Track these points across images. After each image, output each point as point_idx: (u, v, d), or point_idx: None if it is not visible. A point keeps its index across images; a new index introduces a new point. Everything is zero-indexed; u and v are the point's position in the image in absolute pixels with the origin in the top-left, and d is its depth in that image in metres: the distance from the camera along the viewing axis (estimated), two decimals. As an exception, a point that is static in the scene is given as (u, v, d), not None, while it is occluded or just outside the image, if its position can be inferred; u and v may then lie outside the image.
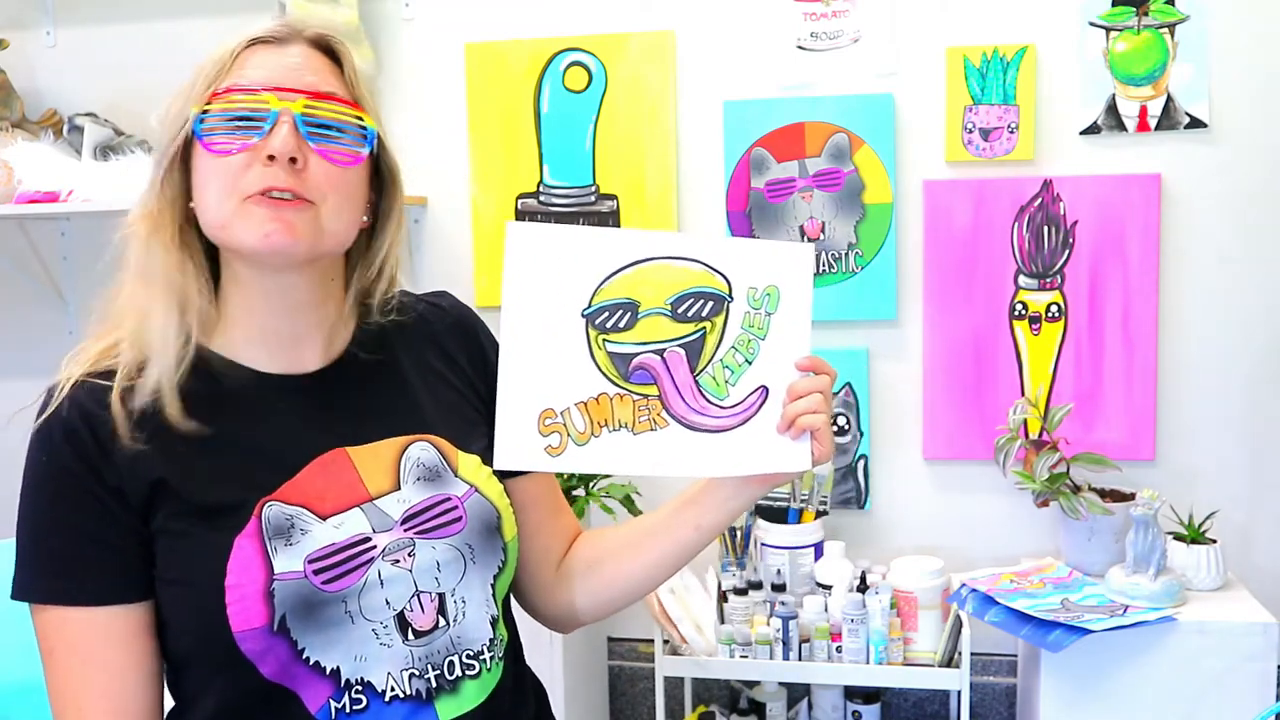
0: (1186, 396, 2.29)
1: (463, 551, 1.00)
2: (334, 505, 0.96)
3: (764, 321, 1.02)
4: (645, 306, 1.00)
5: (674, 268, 1.00)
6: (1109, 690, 1.92)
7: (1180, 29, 2.22)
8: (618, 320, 0.99)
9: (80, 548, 0.93)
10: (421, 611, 0.97)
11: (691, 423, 1.01)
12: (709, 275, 1.01)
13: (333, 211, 0.95)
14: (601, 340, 0.99)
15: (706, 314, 1.01)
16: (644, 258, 1.00)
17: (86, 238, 2.68)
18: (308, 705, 0.93)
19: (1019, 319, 2.32)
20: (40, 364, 2.73)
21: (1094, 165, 2.27)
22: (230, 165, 0.92)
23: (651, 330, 1.00)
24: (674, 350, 1.01)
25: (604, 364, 0.99)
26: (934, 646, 2.13)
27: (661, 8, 2.41)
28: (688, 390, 1.01)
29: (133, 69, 2.59)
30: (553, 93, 2.46)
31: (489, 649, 1.01)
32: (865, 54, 2.34)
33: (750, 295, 1.02)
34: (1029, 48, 2.26)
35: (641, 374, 1.00)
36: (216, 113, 0.93)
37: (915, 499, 2.40)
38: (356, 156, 0.97)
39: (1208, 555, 2.05)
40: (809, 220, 2.37)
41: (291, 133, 0.92)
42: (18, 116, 2.53)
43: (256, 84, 0.93)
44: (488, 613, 1.01)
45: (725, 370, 1.02)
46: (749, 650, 2.16)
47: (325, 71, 0.98)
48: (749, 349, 1.02)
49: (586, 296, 0.99)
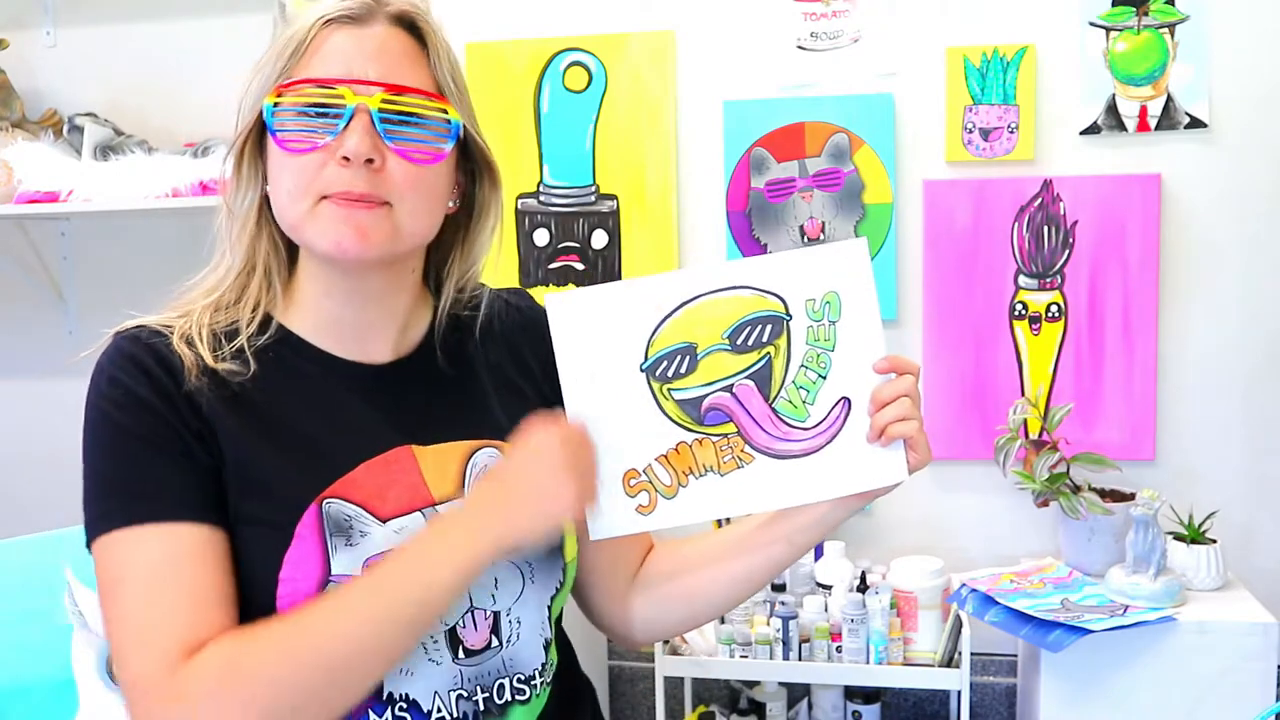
0: (1186, 396, 2.29)
1: (523, 570, 0.96)
2: (395, 507, 0.91)
3: (829, 332, 0.97)
4: (703, 346, 0.97)
5: (723, 299, 0.97)
6: (1109, 690, 1.92)
7: (1180, 29, 2.22)
8: (678, 367, 0.96)
9: (159, 467, 0.87)
10: (475, 629, 0.93)
11: (777, 451, 0.97)
12: (761, 299, 0.97)
13: (410, 212, 0.91)
14: (667, 390, 0.96)
15: (768, 339, 0.97)
16: (690, 297, 0.96)
17: (86, 238, 2.68)
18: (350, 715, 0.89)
19: (1019, 319, 2.32)
20: (40, 364, 2.75)
21: (1094, 165, 2.27)
22: (303, 164, 0.88)
23: (715, 369, 0.97)
24: (742, 383, 0.97)
25: (675, 414, 0.96)
26: (934, 646, 2.13)
27: (661, 8, 2.41)
28: (766, 420, 0.97)
29: (133, 69, 2.59)
30: (553, 93, 2.46)
31: (540, 674, 0.97)
32: (865, 54, 2.34)
33: (809, 308, 0.97)
34: (1029, 48, 2.26)
35: (715, 414, 0.97)
36: (288, 105, 0.88)
37: (915, 499, 2.40)
38: (438, 154, 0.91)
39: (1208, 555, 2.05)
40: (809, 220, 2.37)
41: (367, 132, 0.87)
42: (18, 116, 2.53)
43: (331, 75, 0.88)
44: (542, 635, 0.98)
45: (800, 391, 0.97)
46: (749, 650, 2.16)
47: (407, 56, 0.90)
48: (820, 364, 0.98)
49: (641, 350, 0.96)
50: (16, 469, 2.68)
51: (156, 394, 0.88)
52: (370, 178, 0.88)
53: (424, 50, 0.92)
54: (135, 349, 0.91)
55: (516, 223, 2.50)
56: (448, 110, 0.91)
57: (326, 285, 0.95)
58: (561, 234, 2.48)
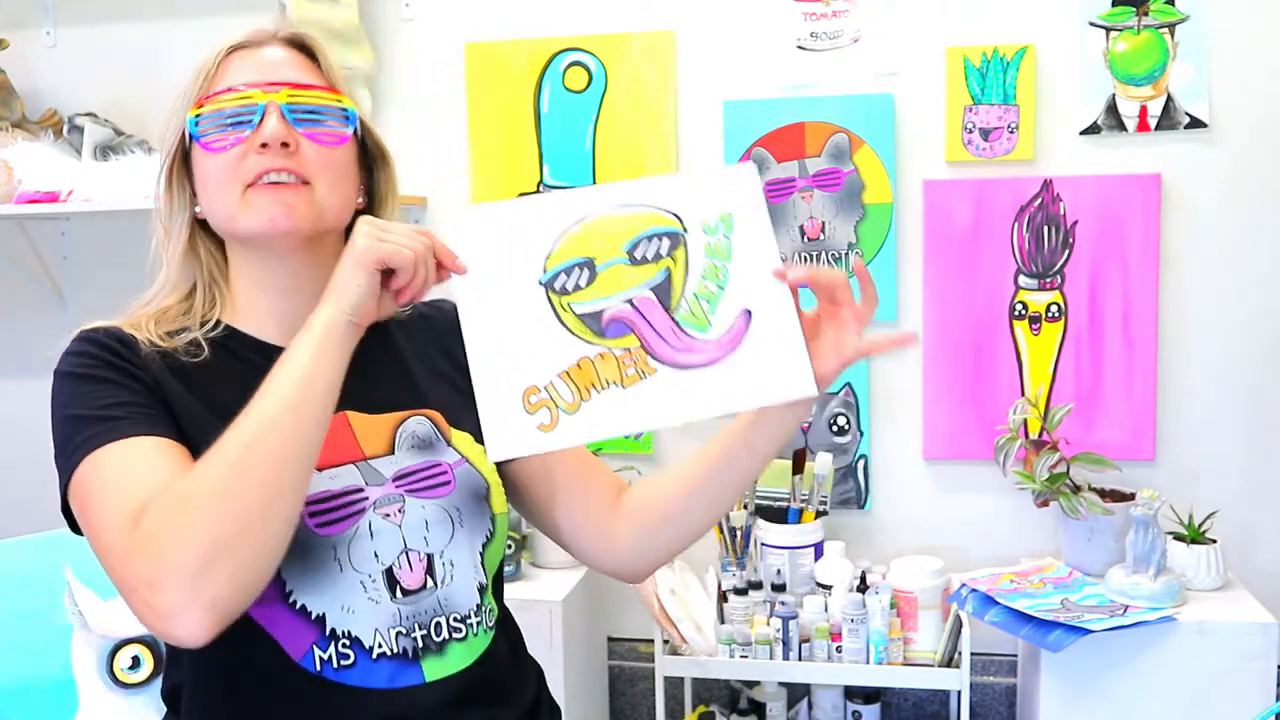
0: (1186, 396, 2.29)
1: (451, 514, 1.03)
2: (329, 460, 1.00)
3: (725, 246, 0.99)
4: (601, 259, 0.97)
5: (620, 216, 0.98)
6: (1109, 690, 1.92)
7: (1180, 29, 2.22)
8: (577, 280, 0.97)
9: (122, 398, 0.96)
10: (410, 570, 1.00)
11: (680, 362, 0.96)
12: (658, 216, 0.99)
13: (327, 189, 1.02)
14: (566, 304, 0.96)
15: (666, 252, 0.98)
16: (587, 214, 0.98)
17: (86, 238, 2.68)
18: (289, 652, 0.96)
19: (1019, 319, 2.32)
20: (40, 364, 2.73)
21: (1094, 165, 2.27)
22: (228, 159, 1.00)
23: (614, 282, 0.97)
24: (643, 295, 0.97)
25: (575, 327, 0.96)
26: (934, 646, 2.13)
27: (661, 8, 2.41)
28: (668, 331, 0.97)
29: (133, 69, 2.59)
30: (553, 93, 2.46)
31: (476, 614, 1.03)
32: (865, 54, 2.34)
33: (705, 226, 0.99)
34: (1029, 48, 2.26)
35: (617, 326, 0.97)
36: (209, 114, 1.01)
37: (915, 499, 2.40)
38: (341, 136, 1.04)
39: (1208, 555, 2.05)
40: (809, 220, 2.37)
41: (280, 120, 0.99)
42: (18, 116, 2.53)
43: (241, 83, 1.01)
44: (475, 579, 1.04)
45: (701, 303, 0.98)
46: (749, 650, 2.16)
47: (302, 65, 1.05)
48: (718, 276, 0.98)
49: (540, 265, 0.96)
50: (16, 469, 2.68)
51: (116, 356, 1.00)
52: (288, 158, 1.00)
53: (314, 62, 1.06)
54: (96, 335, 1.02)
55: (516, 223, 2.50)
56: (343, 101, 1.05)
57: (260, 280, 1.07)
58: (561, 234, 2.48)
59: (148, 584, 0.84)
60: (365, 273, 0.93)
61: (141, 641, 1.37)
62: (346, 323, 0.92)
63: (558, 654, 2.15)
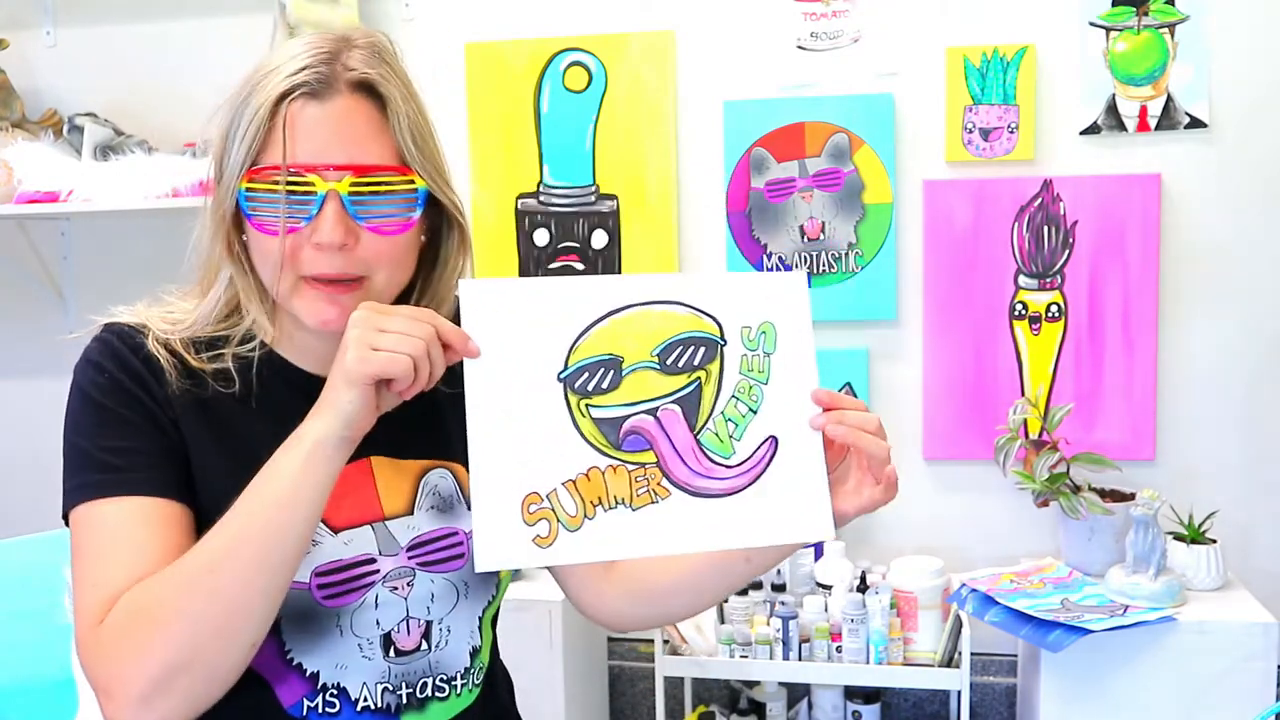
0: (1186, 396, 2.29)
1: (458, 587, 1.01)
2: (347, 519, 0.97)
3: (764, 363, 0.91)
4: (630, 361, 0.89)
5: (656, 314, 0.89)
6: (1109, 690, 1.92)
7: (1180, 29, 2.22)
8: (600, 381, 0.88)
9: (133, 444, 0.92)
10: (407, 634, 0.99)
11: (697, 488, 0.89)
12: (696, 318, 0.90)
13: (385, 280, 0.94)
14: (584, 406, 0.88)
15: (699, 362, 0.90)
16: (620, 306, 0.89)
17: (86, 238, 2.68)
18: (281, 700, 0.95)
19: (1019, 319, 2.32)
20: (40, 364, 2.75)
21: (1094, 165, 2.27)
22: (281, 247, 0.91)
23: (640, 388, 0.89)
24: (668, 408, 0.89)
25: (590, 433, 0.88)
26: (934, 646, 2.13)
27: (661, 8, 2.41)
28: (689, 451, 0.89)
29: (133, 69, 2.59)
30: (553, 93, 2.46)
31: (463, 676, 1.03)
32: (865, 54, 2.34)
33: (745, 335, 0.91)
34: (1029, 48, 2.26)
35: (635, 440, 0.88)
36: (262, 193, 0.91)
37: (915, 499, 2.40)
38: (407, 224, 0.94)
39: (1208, 555, 2.05)
40: (809, 220, 2.37)
41: (339, 218, 0.90)
42: (18, 116, 2.53)
43: (300, 160, 0.90)
44: (469, 644, 1.03)
45: (728, 424, 0.90)
46: (749, 650, 2.16)
47: (370, 127, 0.92)
48: (751, 396, 0.91)
49: (561, 357, 0.87)
50: (17, 468, 2.68)
51: (136, 383, 0.94)
52: (345, 258, 0.92)
53: (385, 116, 0.93)
54: (121, 344, 0.96)
55: (517, 223, 2.50)
56: (413, 180, 0.93)
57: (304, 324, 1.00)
58: (561, 234, 2.48)
59: (101, 690, 0.85)
60: (357, 390, 0.83)
61: (141, 641, 1.37)
62: (339, 439, 0.84)
63: (557, 654, 2.15)
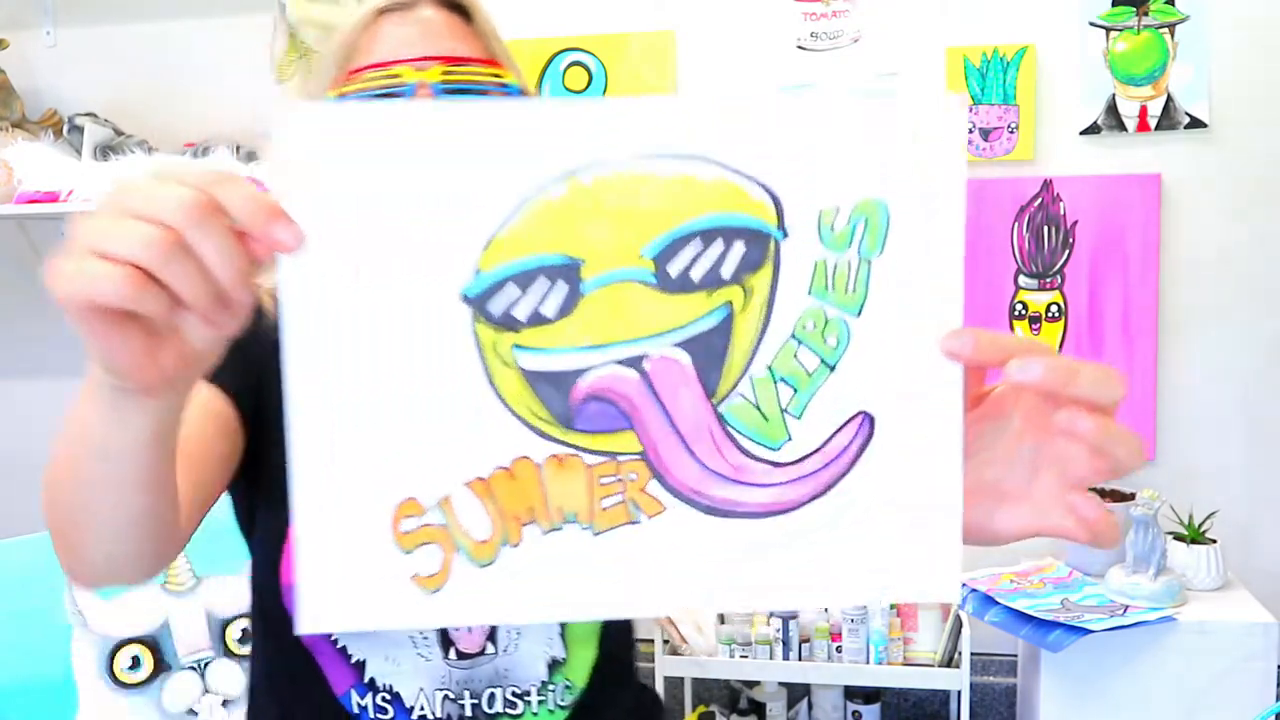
0: (1186, 396, 2.29)
1: None
2: None
3: (858, 278, 0.50)
4: (597, 268, 0.49)
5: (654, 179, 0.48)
6: (1109, 690, 1.92)
7: (1180, 29, 2.22)
8: (539, 303, 0.49)
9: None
10: (468, 631, 0.89)
11: (715, 501, 0.51)
12: (730, 188, 0.49)
13: None
14: (509, 349, 0.49)
15: (732, 274, 0.50)
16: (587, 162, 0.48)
17: (86, 238, 2.68)
18: (332, 685, 0.89)
19: (1019, 319, 2.32)
20: (40, 364, 2.75)
21: (1094, 165, 2.27)
22: None
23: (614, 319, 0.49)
24: (667, 354, 0.50)
25: (517, 398, 0.50)
26: (934, 646, 2.13)
27: (661, 8, 2.41)
28: (701, 434, 0.50)
29: (133, 69, 2.59)
30: (553, 93, 2.46)
31: (540, 692, 0.91)
32: (865, 54, 2.34)
33: (823, 223, 0.50)
34: (1029, 48, 2.26)
35: (602, 411, 0.50)
36: (353, 94, 0.88)
37: (915, 499, 2.39)
38: None
39: (1208, 555, 2.05)
40: (809, 220, 2.37)
41: None
42: (18, 116, 2.53)
43: (389, 57, 0.88)
44: (546, 653, 0.91)
45: (781, 387, 0.51)
46: (749, 650, 2.16)
47: (456, 32, 0.91)
48: (827, 339, 0.50)
49: (467, 258, 0.48)
50: (17, 469, 2.68)
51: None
52: None
53: (471, 26, 0.93)
54: None
55: (516, 223, 2.50)
56: (504, 76, 0.91)
57: None
58: (561, 234, 2.48)
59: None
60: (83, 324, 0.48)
61: (141, 641, 1.37)
62: (110, 388, 0.52)
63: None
